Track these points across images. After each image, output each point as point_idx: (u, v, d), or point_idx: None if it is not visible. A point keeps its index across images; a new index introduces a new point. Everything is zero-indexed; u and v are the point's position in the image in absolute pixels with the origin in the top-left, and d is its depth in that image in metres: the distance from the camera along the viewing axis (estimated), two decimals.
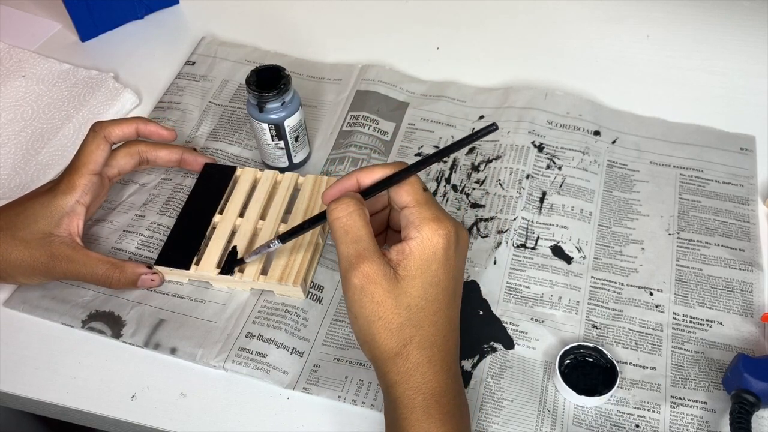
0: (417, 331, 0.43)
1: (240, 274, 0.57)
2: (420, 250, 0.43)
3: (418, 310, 0.43)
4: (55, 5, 0.81)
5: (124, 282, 0.57)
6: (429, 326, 0.43)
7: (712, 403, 0.53)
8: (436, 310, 0.44)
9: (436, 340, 0.44)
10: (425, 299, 0.43)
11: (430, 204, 0.45)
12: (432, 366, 0.43)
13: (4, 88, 0.74)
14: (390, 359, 0.43)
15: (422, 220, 0.44)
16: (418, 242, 0.43)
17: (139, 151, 0.62)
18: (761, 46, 0.78)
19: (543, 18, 0.83)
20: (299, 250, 0.58)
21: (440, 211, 0.45)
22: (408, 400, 0.43)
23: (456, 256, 0.44)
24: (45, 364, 0.56)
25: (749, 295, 0.59)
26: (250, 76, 0.62)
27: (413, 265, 0.43)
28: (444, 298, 0.44)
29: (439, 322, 0.44)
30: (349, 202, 0.45)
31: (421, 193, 0.45)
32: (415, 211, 0.44)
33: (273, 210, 0.61)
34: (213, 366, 0.55)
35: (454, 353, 0.45)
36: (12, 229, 0.55)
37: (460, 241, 0.45)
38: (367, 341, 0.44)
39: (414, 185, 0.45)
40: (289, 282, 0.56)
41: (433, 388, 0.43)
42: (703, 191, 0.65)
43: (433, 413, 0.43)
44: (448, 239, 0.43)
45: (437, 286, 0.43)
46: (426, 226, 0.43)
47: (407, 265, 0.43)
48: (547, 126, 0.70)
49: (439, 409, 0.43)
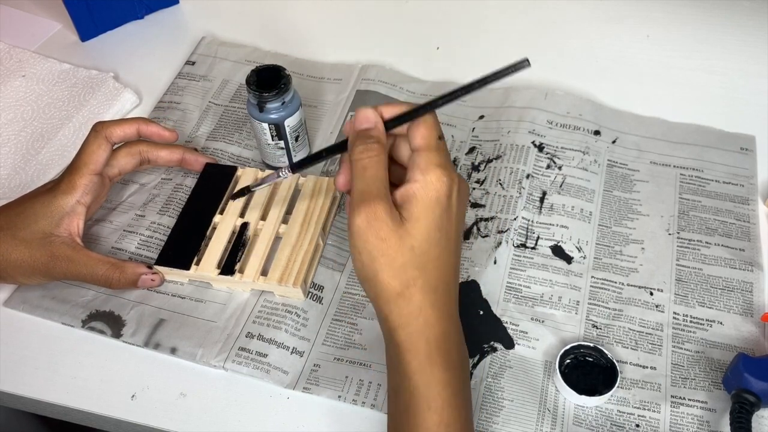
0: (421, 273, 0.43)
1: (240, 274, 0.57)
2: (424, 193, 0.43)
3: (422, 252, 0.43)
4: (55, 5, 0.81)
5: (124, 282, 0.57)
6: (432, 269, 0.43)
7: (713, 402, 0.53)
8: (439, 255, 0.44)
9: (439, 285, 0.44)
10: (429, 242, 0.43)
11: (440, 151, 0.45)
12: (435, 310, 0.43)
13: (4, 88, 0.74)
14: (392, 300, 0.43)
15: (429, 164, 0.44)
16: (422, 186, 0.43)
17: (140, 151, 0.62)
18: (761, 46, 0.78)
19: (543, 18, 0.83)
20: (299, 251, 0.58)
21: (448, 161, 0.45)
22: (411, 345, 0.43)
23: (458, 204, 0.45)
24: (45, 364, 0.56)
25: (749, 295, 0.59)
26: (250, 76, 0.62)
27: (417, 208, 0.43)
28: (447, 244, 0.44)
29: (442, 266, 0.44)
30: (373, 147, 0.45)
31: (435, 139, 0.45)
32: (424, 155, 0.44)
33: (274, 211, 0.61)
34: (213, 366, 0.55)
35: (456, 301, 0.45)
36: (12, 229, 0.55)
37: (461, 191, 0.46)
38: (369, 278, 0.44)
39: (430, 129, 0.46)
40: (289, 283, 0.56)
41: (436, 333, 0.43)
42: (703, 191, 0.65)
43: (436, 359, 0.43)
44: (451, 187, 0.44)
45: (440, 231, 0.44)
46: (432, 171, 0.44)
47: (411, 208, 0.43)
48: (548, 126, 0.70)
49: (441, 355, 0.43)
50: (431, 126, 0.46)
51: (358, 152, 0.45)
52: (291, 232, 0.59)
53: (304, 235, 0.59)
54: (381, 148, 0.45)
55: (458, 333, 0.45)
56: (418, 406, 0.43)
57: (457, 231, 0.45)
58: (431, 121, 0.46)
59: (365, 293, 0.46)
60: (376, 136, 0.46)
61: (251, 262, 0.58)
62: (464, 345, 0.46)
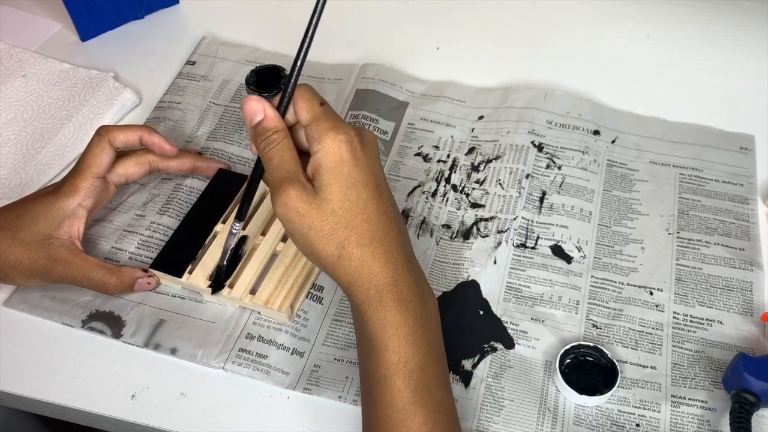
0: (351, 232, 0.45)
1: (229, 289, 0.57)
2: (326, 159, 0.45)
3: (344, 212, 0.45)
4: (55, 5, 0.81)
5: (121, 287, 0.57)
6: (361, 224, 0.45)
7: (713, 402, 0.53)
8: (363, 208, 0.45)
9: (374, 235, 0.45)
10: (348, 201, 0.45)
11: (326, 115, 0.46)
12: (376, 259, 0.45)
13: (4, 88, 0.74)
14: (336, 263, 0.46)
15: (321, 132, 0.45)
16: (323, 153, 0.45)
17: (149, 161, 0.62)
18: (761, 46, 0.78)
19: (543, 18, 0.83)
20: (291, 273, 0.57)
21: (337, 120, 0.46)
22: (363, 296, 0.45)
23: (366, 155, 0.46)
24: (45, 364, 0.56)
25: (749, 295, 0.59)
26: (249, 76, 0.62)
27: (324, 174, 0.45)
28: (368, 194, 0.45)
29: (371, 218, 0.45)
30: (271, 138, 0.47)
31: (317, 108, 0.47)
32: (314, 126, 0.46)
33: (275, 227, 0.60)
34: (213, 367, 0.55)
35: (399, 243, 0.46)
36: (12, 230, 0.55)
37: (365, 140, 0.47)
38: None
39: (309, 100, 0.47)
40: (274, 307, 0.56)
41: (383, 279, 0.45)
42: (703, 190, 0.66)
43: (387, 302, 0.45)
44: (351, 142, 0.45)
45: (356, 186, 0.45)
46: (326, 136, 0.45)
47: (319, 177, 0.45)
48: (547, 126, 0.70)
49: (393, 297, 0.45)
50: (308, 97, 0.47)
51: (260, 148, 0.47)
52: (287, 252, 0.58)
53: (300, 257, 0.58)
54: (280, 136, 0.47)
55: (410, 272, 0.47)
56: (377, 350, 0.45)
57: (375, 178, 0.46)
58: (306, 93, 0.48)
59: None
60: (270, 126, 0.47)
61: (242, 279, 0.57)
62: (422, 282, 0.48)
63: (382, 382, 0.45)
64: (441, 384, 0.46)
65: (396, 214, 0.48)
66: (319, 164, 0.45)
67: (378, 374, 0.45)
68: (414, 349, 0.44)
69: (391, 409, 0.44)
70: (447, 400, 0.46)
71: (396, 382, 0.44)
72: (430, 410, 0.44)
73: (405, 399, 0.44)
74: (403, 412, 0.44)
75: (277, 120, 0.48)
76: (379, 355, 0.45)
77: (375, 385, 0.45)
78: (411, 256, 0.48)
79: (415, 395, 0.44)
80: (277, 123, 0.48)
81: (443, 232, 0.63)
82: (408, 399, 0.44)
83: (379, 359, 0.45)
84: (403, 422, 0.44)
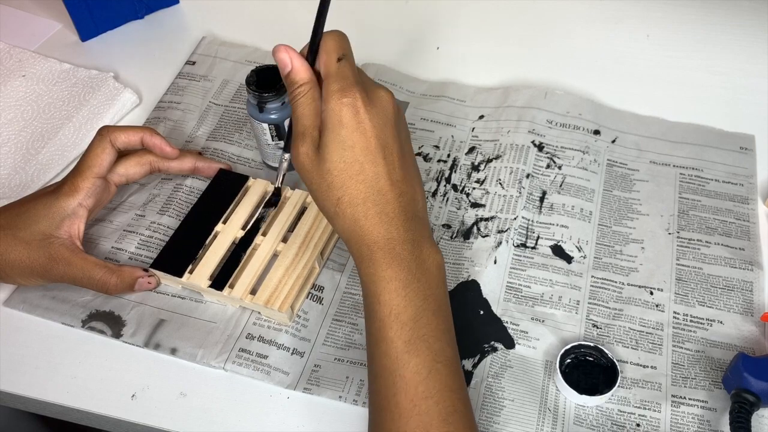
0: (344, 192, 0.46)
1: (229, 289, 0.57)
2: (328, 120, 0.46)
3: (339, 172, 0.46)
4: (55, 5, 0.81)
5: (121, 287, 0.57)
6: (355, 185, 0.46)
7: (713, 402, 0.53)
8: (359, 170, 0.46)
9: (369, 196, 0.46)
10: (343, 162, 0.46)
11: (338, 75, 0.47)
12: (369, 219, 0.46)
13: (4, 88, 0.74)
14: (333, 218, 0.48)
15: (328, 93, 0.46)
16: (326, 113, 0.46)
17: (150, 161, 0.62)
18: (761, 46, 0.78)
19: (543, 18, 0.83)
20: (292, 274, 0.57)
21: (347, 80, 0.46)
22: (357, 253, 0.47)
23: (372, 117, 0.46)
24: (45, 363, 0.56)
25: (749, 294, 0.59)
26: (250, 76, 0.62)
27: (325, 135, 0.46)
28: (366, 158, 0.46)
29: (367, 179, 0.46)
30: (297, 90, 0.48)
31: (333, 64, 0.47)
32: (325, 85, 0.47)
33: (276, 227, 0.60)
34: (213, 366, 0.55)
35: (397, 204, 0.47)
36: (13, 229, 0.55)
37: (375, 102, 0.47)
38: (316, 203, 0.49)
39: (329, 53, 0.48)
40: (275, 307, 0.56)
41: (374, 237, 0.46)
42: (703, 190, 0.66)
43: (379, 259, 0.46)
44: (353, 105, 0.46)
45: (353, 149, 0.46)
46: (331, 98, 0.46)
47: (322, 136, 0.47)
48: (547, 125, 0.70)
49: (383, 254, 0.46)
50: (329, 50, 0.48)
51: (290, 99, 0.48)
52: (288, 253, 0.58)
53: (300, 258, 0.58)
54: (304, 89, 0.48)
55: (407, 231, 0.47)
56: (371, 304, 0.46)
57: (379, 141, 0.46)
58: (329, 44, 0.48)
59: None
60: (296, 78, 0.48)
61: (243, 279, 0.57)
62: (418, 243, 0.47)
63: (377, 333, 0.46)
64: (440, 335, 0.46)
65: (402, 177, 0.48)
66: (323, 125, 0.47)
67: (374, 327, 0.46)
68: (406, 302, 0.46)
69: (386, 359, 0.45)
70: (447, 350, 0.46)
71: (388, 333, 0.45)
72: (426, 359, 0.45)
73: (398, 348, 0.45)
74: (396, 361, 0.45)
75: (303, 71, 0.48)
76: (373, 309, 0.46)
77: (371, 337, 0.47)
78: (412, 216, 0.48)
79: (408, 345, 0.45)
80: (303, 74, 0.48)
81: (443, 231, 0.63)
82: (401, 348, 0.45)
83: (373, 313, 0.46)
84: (397, 370, 0.45)
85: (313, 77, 0.48)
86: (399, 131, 0.48)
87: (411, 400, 0.44)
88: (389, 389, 0.45)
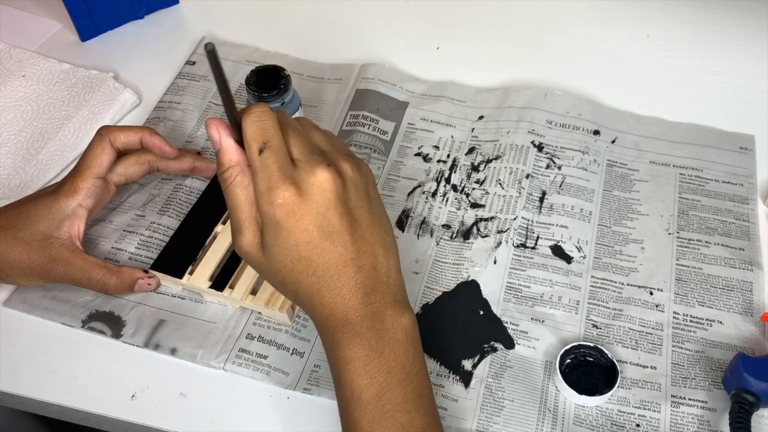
0: (297, 286, 0.45)
1: (230, 290, 0.57)
2: (264, 222, 0.44)
3: (288, 271, 0.45)
4: (55, 5, 0.81)
5: (121, 288, 0.57)
6: (307, 278, 0.45)
7: (713, 402, 0.53)
8: (308, 264, 0.44)
9: (322, 284, 0.45)
10: (290, 261, 0.44)
11: (263, 171, 0.43)
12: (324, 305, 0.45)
13: (4, 88, 0.74)
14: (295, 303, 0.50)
15: (257, 193, 0.44)
16: (261, 213, 0.44)
17: (149, 161, 0.62)
18: (761, 46, 0.78)
19: (543, 18, 0.83)
20: None
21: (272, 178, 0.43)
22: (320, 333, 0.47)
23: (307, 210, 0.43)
24: (45, 364, 0.56)
25: (749, 295, 0.59)
26: (249, 76, 0.62)
27: (266, 236, 0.44)
28: (313, 251, 0.44)
29: (317, 271, 0.44)
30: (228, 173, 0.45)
31: (255, 159, 0.44)
32: (253, 182, 0.44)
33: None
34: (213, 367, 0.55)
35: (354, 282, 0.45)
36: (13, 229, 0.55)
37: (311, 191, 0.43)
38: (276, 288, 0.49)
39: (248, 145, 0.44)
40: (275, 307, 0.56)
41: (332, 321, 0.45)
42: (703, 190, 0.66)
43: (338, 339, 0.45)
44: (285, 205, 0.43)
45: (297, 247, 0.44)
46: (261, 200, 0.43)
47: (264, 237, 0.45)
48: (547, 126, 0.70)
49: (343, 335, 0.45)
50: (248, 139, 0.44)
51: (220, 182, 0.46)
52: None
53: None
54: (232, 173, 0.44)
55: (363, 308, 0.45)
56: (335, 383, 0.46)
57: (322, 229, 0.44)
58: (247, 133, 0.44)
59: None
60: (225, 160, 0.45)
61: (243, 279, 0.57)
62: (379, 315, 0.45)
63: (342, 413, 0.46)
64: (407, 406, 0.45)
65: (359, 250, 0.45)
66: (262, 223, 0.44)
67: (339, 405, 0.46)
68: (367, 380, 0.45)
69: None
70: (417, 419, 0.45)
71: (352, 414, 0.45)
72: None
73: (363, 429, 0.44)
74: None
75: (231, 153, 0.45)
76: (337, 389, 0.46)
77: (340, 413, 0.46)
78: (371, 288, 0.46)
79: (372, 424, 0.44)
80: (232, 156, 0.45)
81: (443, 232, 0.63)
82: (366, 428, 0.44)
83: (337, 392, 0.46)
84: None
85: (243, 159, 0.45)
86: (346, 205, 0.45)
87: None
88: None
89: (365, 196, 0.47)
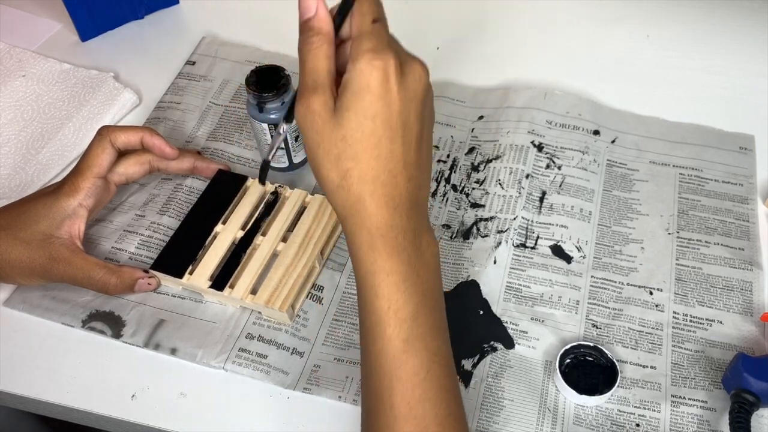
0: (355, 164, 0.42)
1: (230, 290, 0.57)
2: (353, 81, 0.41)
3: (354, 142, 0.42)
4: (55, 5, 0.81)
5: (121, 287, 0.57)
6: (369, 160, 0.42)
7: (713, 402, 0.53)
8: (375, 144, 0.42)
9: (379, 175, 0.42)
10: (361, 132, 0.42)
11: (373, 35, 0.42)
12: (375, 200, 0.43)
13: (4, 88, 0.74)
14: (334, 191, 0.43)
15: (359, 52, 0.42)
16: (353, 74, 0.42)
17: (149, 160, 0.62)
18: (761, 46, 0.78)
19: (543, 18, 0.83)
20: (292, 273, 0.57)
21: (382, 42, 0.42)
22: (354, 235, 0.44)
23: (399, 89, 0.42)
24: (45, 364, 0.56)
25: (749, 294, 0.59)
26: (249, 76, 0.62)
27: (346, 97, 0.42)
28: (385, 132, 0.42)
29: (381, 155, 0.42)
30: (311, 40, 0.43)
31: (368, 24, 0.43)
32: (355, 43, 0.42)
33: (275, 226, 0.60)
34: (213, 366, 0.55)
35: (404, 188, 0.43)
36: (13, 229, 0.55)
37: (408, 73, 0.43)
38: (314, 169, 0.44)
39: (363, 14, 0.43)
40: (275, 306, 0.56)
41: (377, 222, 0.43)
42: (703, 190, 0.66)
43: (379, 248, 0.43)
44: (385, 71, 0.41)
45: (374, 120, 0.42)
46: (361, 57, 0.41)
47: (342, 98, 0.42)
48: (547, 126, 0.70)
49: (385, 243, 0.43)
50: (363, 11, 0.43)
51: (299, 45, 0.44)
52: (288, 252, 0.58)
53: (300, 257, 0.58)
54: (321, 39, 0.43)
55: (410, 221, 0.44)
56: (367, 295, 0.44)
57: (401, 117, 0.42)
58: (364, 6, 0.43)
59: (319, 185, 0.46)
60: (315, 26, 0.43)
61: (243, 279, 0.57)
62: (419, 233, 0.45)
63: (374, 329, 0.44)
64: (436, 333, 0.45)
65: (416, 161, 0.44)
66: (346, 86, 0.42)
67: (370, 321, 0.44)
68: (405, 297, 0.43)
69: (383, 358, 0.43)
70: (443, 348, 0.45)
71: (386, 330, 0.43)
72: (423, 359, 0.43)
73: (396, 348, 0.43)
74: (394, 361, 0.43)
75: (325, 22, 0.43)
76: (371, 302, 0.44)
77: (367, 332, 0.44)
78: (416, 204, 0.45)
79: (406, 344, 0.43)
80: (323, 25, 0.43)
81: (443, 232, 0.63)
82: (399, 348, 0.43)
83: (371, 306, 0.44)
84: (395, 371, 0.43)
85: (332, 35, 0.43)
86: (424, 111, 0.44)
87: (407, 403, 0.43)
88: (384, 390, 0.43)
89: (432, 117, 0.46)
